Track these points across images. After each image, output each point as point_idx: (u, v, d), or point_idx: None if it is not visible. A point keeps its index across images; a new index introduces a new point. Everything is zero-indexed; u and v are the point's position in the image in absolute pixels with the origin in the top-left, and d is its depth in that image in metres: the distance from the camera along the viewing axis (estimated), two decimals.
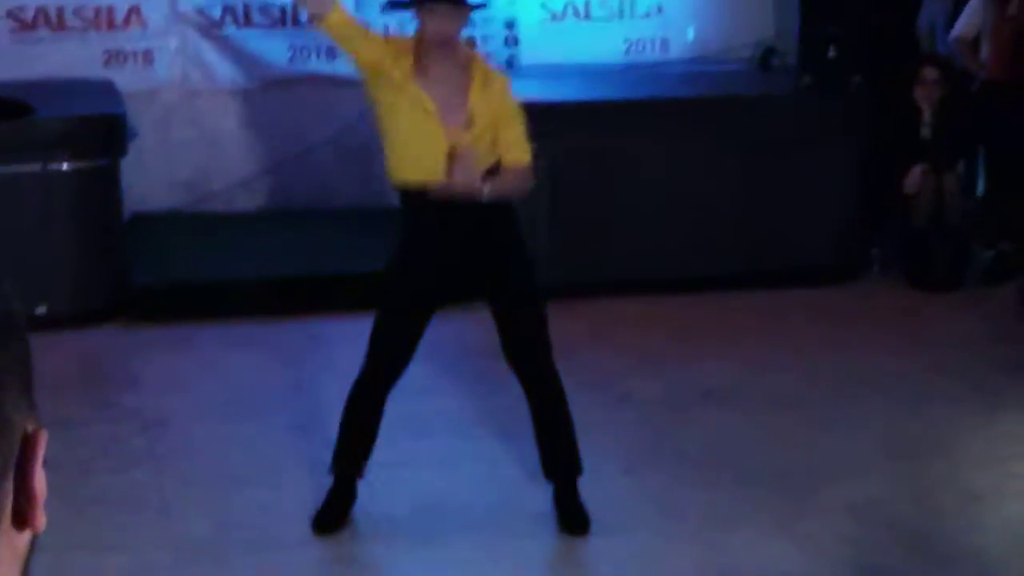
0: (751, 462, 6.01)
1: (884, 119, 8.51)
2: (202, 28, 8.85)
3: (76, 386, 6.60)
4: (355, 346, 5.09)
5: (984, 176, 9.21)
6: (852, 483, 5.83)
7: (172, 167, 8.90)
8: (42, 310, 7.18)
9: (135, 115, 8.05)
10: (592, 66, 9.07)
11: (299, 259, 8.19)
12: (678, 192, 8.15)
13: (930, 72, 8.51)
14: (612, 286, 8.00)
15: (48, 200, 7.43)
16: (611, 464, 5.86)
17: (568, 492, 5.49)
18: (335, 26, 5.24)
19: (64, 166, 7.46)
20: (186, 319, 7.56)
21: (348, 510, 5.48)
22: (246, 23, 8.90)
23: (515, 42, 9.13)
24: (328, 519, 5.45)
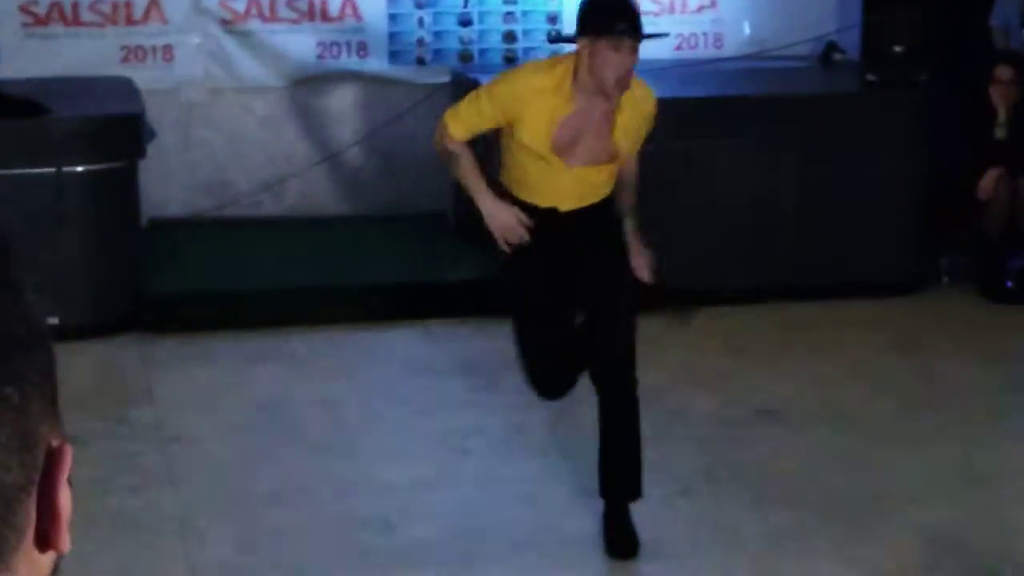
0: (811, 483, 5.93)
1: (954, 119, 8.52)
2: (225, 23, 8.80)
3: (90, 400, 6.54)
4: (384, 360, 5.00)
5: None
6: (921, 507, 5.69)
7: (192, 170, 8.93)
8: (54, 320, 6.91)
9: (154, 115, 8.02)
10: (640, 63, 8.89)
11: (326, 268, 8.15)
12: (733, 197, 8.09)
13: (1005, 71, 8.51)
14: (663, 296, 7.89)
15: (62, 204, 7.35)
16: (662, 484, 5.77)
17: (619, 513, 5.37)
18: (462, 144, 5.12)
19: (79, 169, 7.41)
20: (206, 330, 7.52)
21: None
22: (272, 18, 8.83)
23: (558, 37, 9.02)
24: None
